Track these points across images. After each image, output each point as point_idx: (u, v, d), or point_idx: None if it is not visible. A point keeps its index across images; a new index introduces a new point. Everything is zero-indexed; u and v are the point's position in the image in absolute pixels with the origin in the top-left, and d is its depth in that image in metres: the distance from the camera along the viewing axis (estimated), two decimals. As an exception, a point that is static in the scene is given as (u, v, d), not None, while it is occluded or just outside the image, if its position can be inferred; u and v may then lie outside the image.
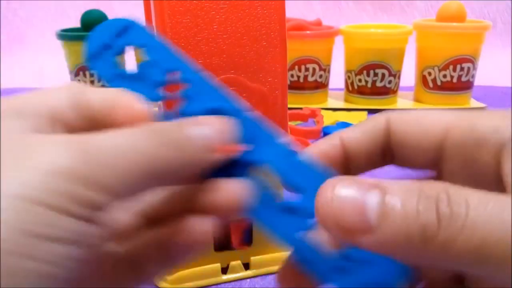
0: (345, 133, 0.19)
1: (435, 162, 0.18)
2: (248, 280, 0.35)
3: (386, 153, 0.19)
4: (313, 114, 0.71)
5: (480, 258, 0.13)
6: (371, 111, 0.77)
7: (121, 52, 0.21)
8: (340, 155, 0.19)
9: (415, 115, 0.19)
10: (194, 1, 0.27)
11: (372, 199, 0.14)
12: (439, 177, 0.18)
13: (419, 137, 0.18)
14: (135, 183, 0.16)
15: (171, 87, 0.20)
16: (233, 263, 0.35)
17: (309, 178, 0.18)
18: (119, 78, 0.20)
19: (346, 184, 0.14)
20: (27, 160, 0.14)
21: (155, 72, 0.20)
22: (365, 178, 0.15)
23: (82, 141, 0.15)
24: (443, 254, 0.13)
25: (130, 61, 0.89)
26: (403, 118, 0.19)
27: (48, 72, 1.12)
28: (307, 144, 0.58)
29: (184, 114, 0.19)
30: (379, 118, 0.19)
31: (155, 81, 0.20)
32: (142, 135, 0.16)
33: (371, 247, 0.14)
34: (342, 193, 0.14)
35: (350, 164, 0.19)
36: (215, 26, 0.28)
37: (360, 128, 0.20)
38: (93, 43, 0.21)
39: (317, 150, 0.20)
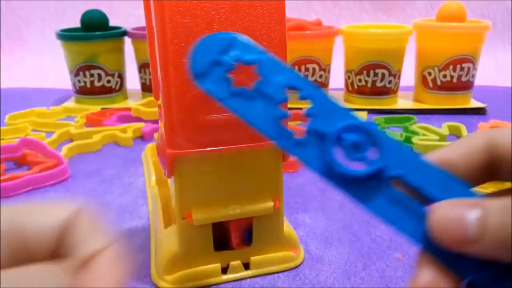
0: (441, 154, 0.20)
1: None
2: (248, 280, 0.35)
3: (488, 171, 0.20)
4: (313, 114, 0.71)
5: None
6: (371, 111, 0.77)
7: (231, 69, 0.20)
8: None
9: None
10: (194, 1, 0.27)
11: (472, 216, 0.17)
12: None
13: None
14: None
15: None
16: (233, 263, 0.35)
17: (446, 188, 0.19)
18: (234, 97, 0.20)
19: (450, 206, 0.18)
20: None
21: (273, 89, 0.20)
22: (467, 199, 0.18)
23: None
24: None
25: (131, 61, 0.89)
26: (509, 133, 0.19)
27: (48, 72, 1.12)
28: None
29: (314, 131, 0.20)
30: (477, 137, 0.20)
31: (275, 99, 0.20)
32: None
33: (476, 254, 0.17)
34: (447, 214, 0.17)
35: None
36: (215, 26, 0.28)
37: (458, 148, 0.20)
38: (199, 60, 0.20)
39: None
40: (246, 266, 0.36)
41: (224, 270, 0.35)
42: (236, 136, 0.30)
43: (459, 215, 0.17)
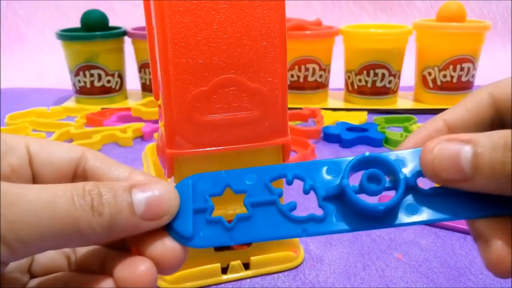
0: (448, 115, 0.20)
1: None
2: (248, 280, 0.35)
3: (495, 124, 0.20)
4: (313, 114, 0.71)
5: None
6: (371, 111, 0.77)
7: (213, 208, 0.19)
8: None
9: None
10: (194, 1, 0.27)
11: (466, 154, 0.17)
12: None
13: None
14: (45, 245, 0.15)
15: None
16: (233, 263, 0.35)
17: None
18: (237, 229, 0.19)
19: (443, 142, 0.17)
20: None
21: (262, 193, 0.19)
22: (459, 134, 0.17)
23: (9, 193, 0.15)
24: None
25: (131, 61, 0.89)
26: (509, 84, 0.19)
27: (48, 72, 1.12)
28: (307, 144, 0.58)
29: (326, 199, 0.19)
30: (481, 93, 0.20)
31: (271, 200, 0.19)
32: (67, 193, 0.16)
33: (469, 190, 0.17)
34: (440, 151, 0.17)
35: None
36: (215, 26, 0.28)
37: (463, 106, 0.20)
38: (179, 222, 0.18)
39: (419, 138, 0.20)
40: (246, 266, 0.36)
41: (224, 270, 0.35)
42: (236, 136, 0.30)
43: (454, 152, 0.17)
